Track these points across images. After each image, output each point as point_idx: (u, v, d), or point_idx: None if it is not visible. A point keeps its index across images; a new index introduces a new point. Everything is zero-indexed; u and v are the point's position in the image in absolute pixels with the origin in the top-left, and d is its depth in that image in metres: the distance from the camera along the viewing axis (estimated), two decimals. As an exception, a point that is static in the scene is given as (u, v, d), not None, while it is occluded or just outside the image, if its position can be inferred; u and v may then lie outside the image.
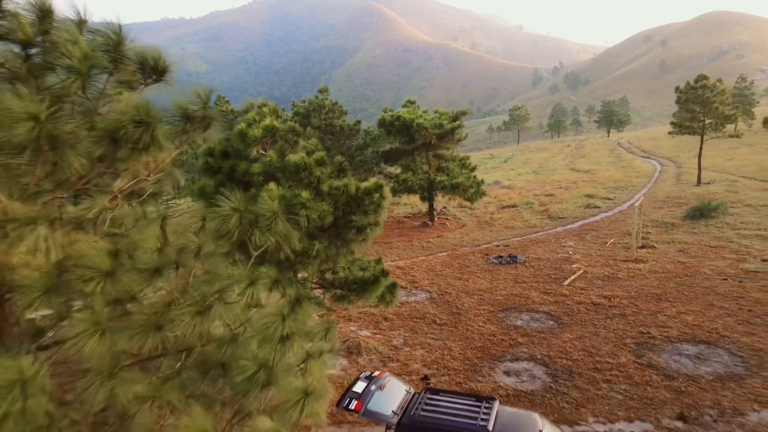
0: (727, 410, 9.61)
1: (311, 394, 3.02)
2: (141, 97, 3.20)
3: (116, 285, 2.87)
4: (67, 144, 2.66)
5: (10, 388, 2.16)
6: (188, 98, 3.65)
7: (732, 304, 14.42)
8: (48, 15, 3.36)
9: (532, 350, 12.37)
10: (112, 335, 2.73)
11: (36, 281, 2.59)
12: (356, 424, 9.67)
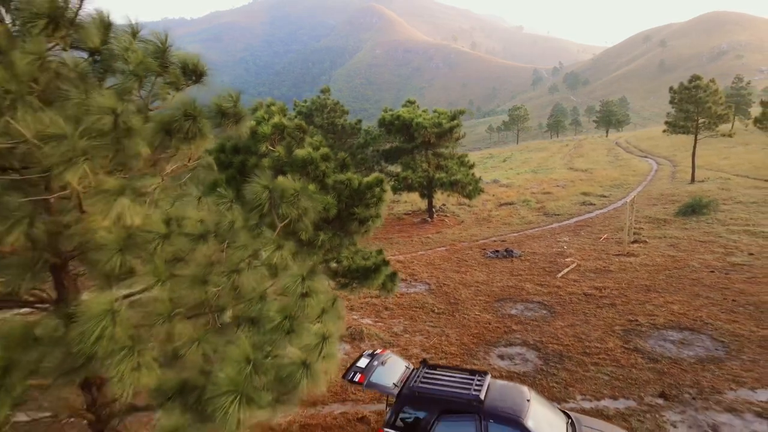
0: (705, 389, 10.29)
1: (328, 338, 3.70)
2: (188, 96, 3.89)
3: (170, 246, 3.56)
4: (136, 133, 3.34)
5: (102, 316, 2.84)
6: (222, 97, 4.35)
7: (717, 294, 15.10)
8: (108, 27, 4.05)
9: (525, 336, 13.05)
10: (170, 286, 3.41)
11: (113, 242, 3.28)
12: (359, 402, 10.36)
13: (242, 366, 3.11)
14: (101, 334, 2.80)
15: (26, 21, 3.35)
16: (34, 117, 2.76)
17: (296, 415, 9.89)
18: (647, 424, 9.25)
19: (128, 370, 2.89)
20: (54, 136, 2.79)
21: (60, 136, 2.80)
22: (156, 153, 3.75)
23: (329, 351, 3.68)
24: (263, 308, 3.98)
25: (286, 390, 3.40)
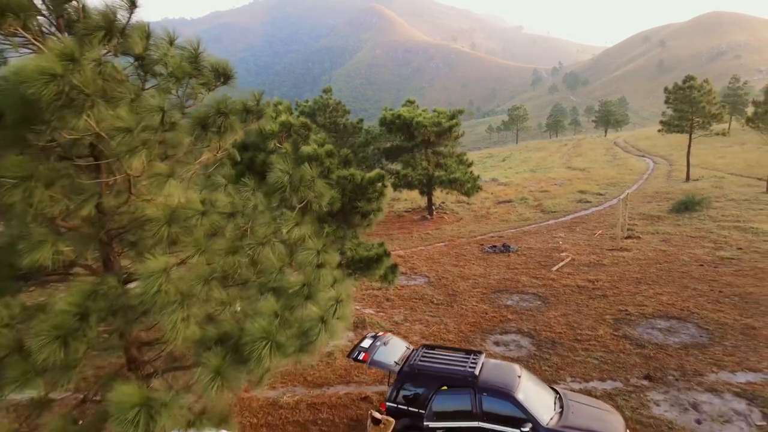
0: (688, 372, 10.94)
1: (341, 301, 4.33)
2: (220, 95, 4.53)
3: (207, 221, 4.20)
4: (179, 127, 3.98)
5: (159, 274, 3.48)
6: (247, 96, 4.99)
7: (705, 286, 15.74)
8: (148, 36, 4.69)
9: (520, 325, 13.69)
10: (207, 255, 4.06)
11: (161, 216, 3.92)
12: (362, 383, 10.99)
13: (272, 319, 3.74)
14: (158, 290, 3.43)
15: (87, 33, 3.98)
16: (105, 114, 3.39)
17: (303, 395, 10.54)
18: (632, 402, 9.88)
19: (179, 320, 3.51)
20: (122, 129, 3.41)
21: (127, 129, 3.42)
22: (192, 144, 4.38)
23: (342, 312, 4.31)
24: (284, 278, 4.62)
25: (308, 341, 4.02)
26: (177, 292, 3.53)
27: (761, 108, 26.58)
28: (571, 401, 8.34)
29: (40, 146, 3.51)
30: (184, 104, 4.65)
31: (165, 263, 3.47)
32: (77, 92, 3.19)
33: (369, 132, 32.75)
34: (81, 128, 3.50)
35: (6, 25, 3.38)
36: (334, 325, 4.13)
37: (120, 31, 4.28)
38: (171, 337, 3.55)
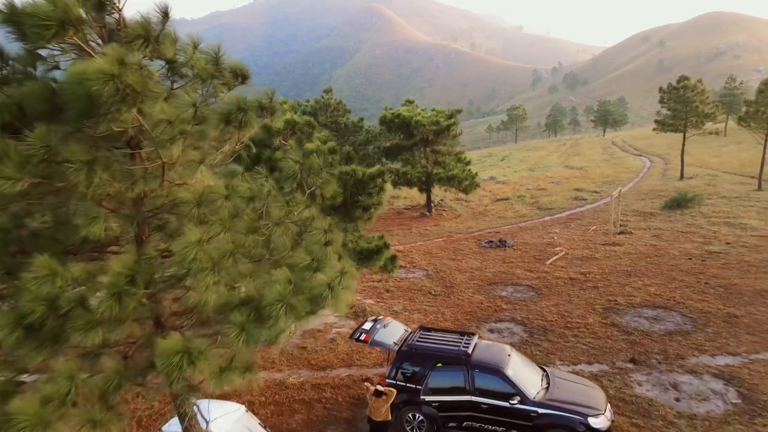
0: (671, 355, 11.59)
1: (346, 273, 4.98)
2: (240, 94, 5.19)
3: (230, 204, 4.86)
4: (207, 121, 4.63)
5: (195, 244, 4.13)
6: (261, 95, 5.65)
7: (692, 278, 16.39)
8: (175, 42, 5.33)
9: (514, 314, 14.35)
10: (231, 233, 4.71)
11: (192, 199, 4.58)
12: (363, 366, 11.64)
13: (286, 285, 4.38)
14: (194, 257, 4.08)
15: (129, 41, 4.63)
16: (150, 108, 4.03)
17: (308, 377, 11.19)
18: (616, 383, 10.55)
19: (210, 283, 4.15)
20: (164, 120, 4.06)
21: (168, 121, 4.06)
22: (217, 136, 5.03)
23: (346, 283, 4.95)
24: (295, 254, 5.27)
25: (317, 305, 4.66)
26: (209, 260, 4.17)
27: (752, 108, 27.23)
28: (557, 378, 9.01)
29: (95, 136, 4.15)
30: (208, 102, 5.30)
31: (200, 235, 4.12)
32: (130, 89, 3.83)
33: (369, 131, 33.45)
34: (128, 121, 4.15)
35: (67, 36, 4.03)
36: (340, 293, 4.78)
37: (155, 39, 4.93)
38: (203, 299, 4.20)
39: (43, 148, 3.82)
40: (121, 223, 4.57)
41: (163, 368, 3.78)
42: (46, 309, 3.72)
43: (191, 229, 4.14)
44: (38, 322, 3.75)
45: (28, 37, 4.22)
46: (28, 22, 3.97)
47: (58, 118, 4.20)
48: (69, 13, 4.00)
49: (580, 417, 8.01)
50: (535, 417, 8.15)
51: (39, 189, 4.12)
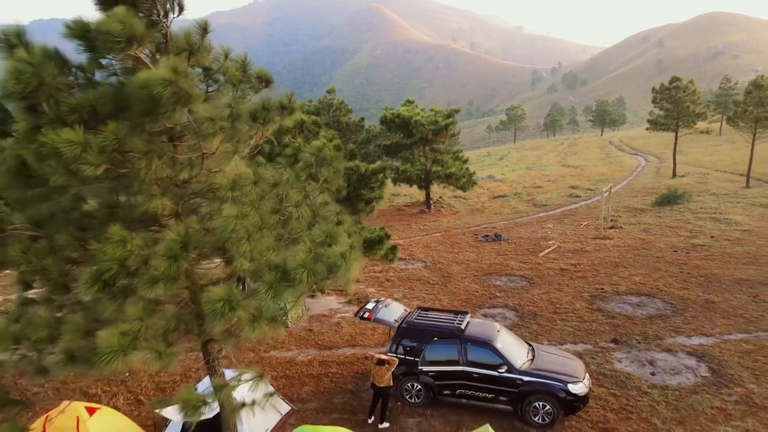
0: (650, 336, 12.56)
1: (354, 247, 5.93)
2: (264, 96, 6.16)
3: (257, 188, 5.83)
4: (240, 118, 5.59)
5: (233, 218, 5.09)
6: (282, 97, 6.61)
7: (675, 269, 17.37)
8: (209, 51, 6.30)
9: (507, 301, 15.32)
10: (259, 212, 5.68)
11: (227, 184, 5.54)
12: (366, 347, 12.60)
13: (308, 254, 5.33)
14: (233, 228, 5.04)
15: (176, 53, 5.60)
16: (196, 108, 4.99)
17: (316, 355, 12.16)
18: (598, 360, 11.51)
19: (246, 250, 5.10)
20: (208, 118, 5.01)
21: (211, 119, 5.02)
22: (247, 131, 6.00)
23: (355, 255, 5.91)
24: (311, 232, 6.24)
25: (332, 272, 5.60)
26: (245, 231, 5.13)
27: (740, 108, 28.18)
28: (542, 352, 9.97)
29: (151, 131, 5.11)
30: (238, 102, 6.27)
31: (237, 211, 5.08)
32: (183, 93, 4.77)
33: (369, 131, 34.43)
34: (179, 118, 5.12)
35: (132, 50, 4.97)
36: (351, 263, 5.74)
37: (196, 50, 5.90)
38: (240, 263, 5.15)
39: (114, 140, 4.78)
40: (169, 203, 5.54)
41: (209, 312, 4.76)
42: (119, 268, 4.69)
43: (230, 206, 5.11)
44: (112, 279, 4.72)
45: (98, 49, 5.19)
46: (101, 37, 4.93)
47: (121, 116, 5.17)
48: (134, 32, 4.96)
49: (561, 384, 8.97)
50: (521, 384, 9.11)
51: (108, 174, 5.09)
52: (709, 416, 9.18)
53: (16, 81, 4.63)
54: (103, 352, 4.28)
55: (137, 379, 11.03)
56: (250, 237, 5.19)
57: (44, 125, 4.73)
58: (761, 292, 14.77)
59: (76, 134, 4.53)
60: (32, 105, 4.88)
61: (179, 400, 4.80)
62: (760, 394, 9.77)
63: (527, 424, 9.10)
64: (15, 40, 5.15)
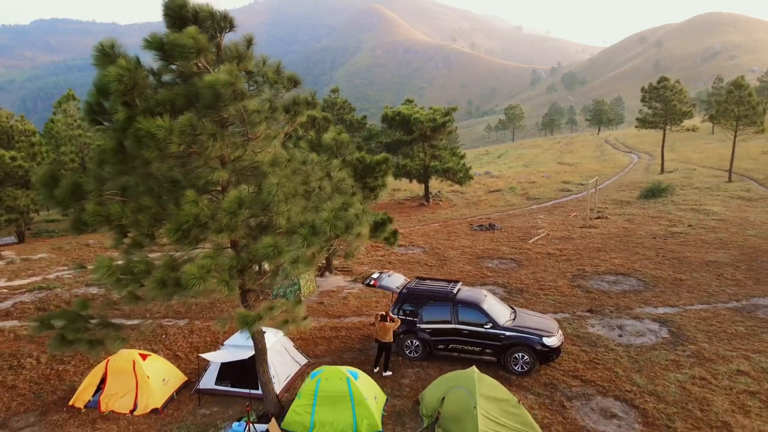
0: (621, 307, 14.21)
1: (365, 212, 7.59)
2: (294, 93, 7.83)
3: (291, 165, 7.50)
4: (278, 110, 7.25)
5: (276, 184, 6.76)
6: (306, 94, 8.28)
7: (652, 253, 19.02)
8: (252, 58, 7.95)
9: (497, 279, 16.97)
10: (293, 182, 7.34)
11: (267, 161, 7.21)
12: (370, 315, 14.25)
13: (330, 213, 6.97)
14: (275, 193, 6.68)
15: (229, 60, 7.25)
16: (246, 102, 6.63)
17: (327, 322, 13.81)
18: (574, 325, 13.15)
19: (285, 210, 6.73)
20: (256, 110, 6.64)
21: (257, 111, 6.66)
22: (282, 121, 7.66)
23: (365, 217, 7.56)
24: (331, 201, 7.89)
25: (349, 228, 7.24)
26: (284, 195, 6.79)
27: (722, 107, 29.82)
28: (522, 313, 11.64)
29: (213, 119, 6.76)
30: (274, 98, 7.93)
31: (278, 179, 6.73)
32: (239, 91, 6.41)
33: (371, 130, 36.08)
34: (233, 110, 6.77)
35: (199, 59, 6.62)
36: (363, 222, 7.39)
37: (243, 58, 7.56)
38: (280, 220, 6.80)
39: (189, 126, 6.44)
40: (226, 174, 7.21)
41: (261, 253, 6.41)
42: (194, 221, 6.35)
43: (272, 177, 6.77)
44: (188, 228, 6.38)
45: (172, 58, 6.86)
46: (177, 49, 6.60)
47: (190, 108, 6.83)
48: (201, 45, 6.63)
49: (537, 337, 10.63)
50: (503, 338, 10.77)
51: (183, 151, 6.74)
52: (663, 366, 10.83)
53: (119, 82, 6.30)
54: (188, 279, 5.95)
55: (173, 340, 12.71)
56: (287, 200, 6.86)
57: (137, 115, 6.40)
58: (725, 272, 16.43)
59: (164, 121, 6.19)
60: (127, 100, 6.56)
61: (239, 316, 6.44)
62: (709, 350, 11.42)
63: (509, 372, 10.74)
64: (110, 50, 6.83)
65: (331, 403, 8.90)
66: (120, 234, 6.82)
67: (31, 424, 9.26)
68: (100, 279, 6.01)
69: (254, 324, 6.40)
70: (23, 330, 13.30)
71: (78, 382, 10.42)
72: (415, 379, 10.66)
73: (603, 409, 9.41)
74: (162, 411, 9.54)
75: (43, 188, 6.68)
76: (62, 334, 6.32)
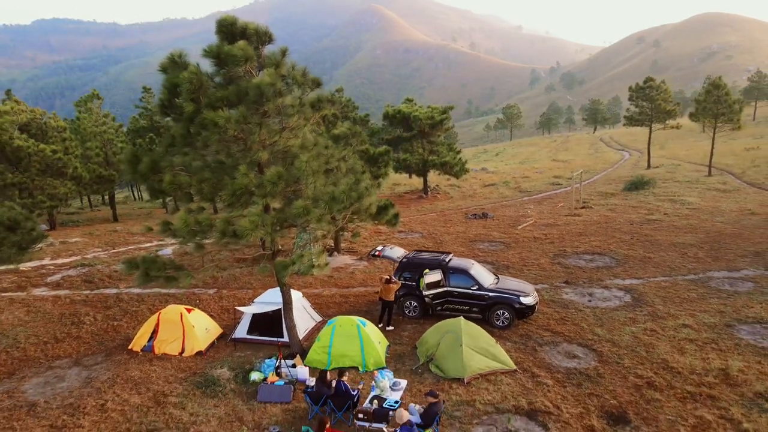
0: (594, 279, 16.28)
1: (372, 186, 9.66)
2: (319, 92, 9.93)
3: (316, 149, 9.61)
4: (306, 105, 9.34)
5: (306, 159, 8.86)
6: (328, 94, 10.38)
7: (627, 236, 21.09)
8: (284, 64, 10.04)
9: (486, 258, 19.04)
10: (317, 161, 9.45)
11: (298, 145, 9.31)
12: (375, 286, 16.31)
13: (347, 185, 9.03)
14: (305, 168, 8.76)
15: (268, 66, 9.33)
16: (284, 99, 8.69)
17: (336, 292, 15.90)
18: (551, 293, 15.22)
19: (312, 182, 8.80)
20: (291, 105, 8.69)
21: (291, 105, 8.70)
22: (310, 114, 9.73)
23: (373, 191, 9.64)
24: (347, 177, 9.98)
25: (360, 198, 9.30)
26: (312, 171, 8.87)
27: (701, 105, 31.87)
28: (504, 279, 13.74)
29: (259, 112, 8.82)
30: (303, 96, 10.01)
31: (308, 157, 8.80)
32: (279, 90, 8.47)
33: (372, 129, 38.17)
34: (272, 105, 8.84)
35: (246, 66, 8.68)
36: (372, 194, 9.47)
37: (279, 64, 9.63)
38: (307, 190, 8.88)
39: (242, 116, 8.52)
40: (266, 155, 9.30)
41: (295, 212, 8.49)
42: (244, 189, 8.44)
43: (303, 155, 8.87)
44: (240, 194, 8.46)
45: (225, 64, 8.95)
46: (231, 58, 8.68)
47: (239, 104, 8.91)
48: (248, 54, 8.72)
49: (516, 297, 12.71)
50: (488, 298, 12.85)
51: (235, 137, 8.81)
52: (621, 322, 12.91)
53: (189, 83, 8.40)
54: (243, 230, 8.03)
55: (206, 304, 14.80)
56: (313, 174, 8.95)
57: (202, 109, 8.48)
58: (689, 251, 18.51)
59: (223, 113, 8.28)
60: (194, 98, 8.64)
61: (277, 264, 8.54)
62: (662, 311, 13.49)
63: (492, 326, 12.79)
64: (177, 59, 8.93)
65: (344, 344, 10.98)
66: (188, 199, 8.91)
67: (99, 363, 11.36)
68: (180, 229, 8.09)
69: (290, 268, 8.49)
70: (76, 296, 15.41)
71: (132, 334, 12.51)
72: (413, 332, 12.73)
73: (567, 352, 11.49)
74: (205, 353, 11.63)
75: (128, 165, 8.78)
76: (147, 271, 8.40)
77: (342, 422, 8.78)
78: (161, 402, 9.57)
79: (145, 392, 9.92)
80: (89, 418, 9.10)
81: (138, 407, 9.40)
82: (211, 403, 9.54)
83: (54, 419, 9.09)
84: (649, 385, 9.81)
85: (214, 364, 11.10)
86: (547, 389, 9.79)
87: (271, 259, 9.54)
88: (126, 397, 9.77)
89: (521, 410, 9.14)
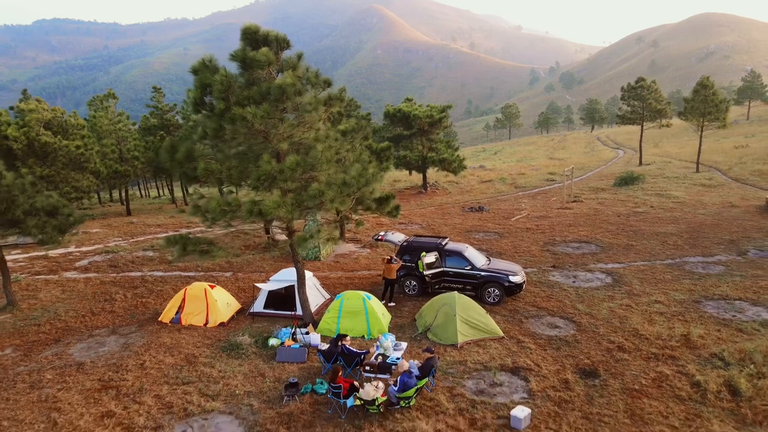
0: (579, 263, 17.68)
1: (377, 173, 11.05)
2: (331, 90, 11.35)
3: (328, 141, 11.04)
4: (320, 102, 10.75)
5: (321, 150, 10.28)
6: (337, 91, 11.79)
7: (614, 227, 22.50)
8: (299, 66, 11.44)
9: (480, 246, 20.44)
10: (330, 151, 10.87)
11: (313, 137, 10.73)
12: (378, 270, 17.71)
13: (357, 172, 10.42)
14: (320, 157, 10.16)
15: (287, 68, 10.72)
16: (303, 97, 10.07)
17: (342, 275, 17.30)
18: (540, 276, 16.63)
19: (326, 169, 10.18)
20: (309, 102, 10.08)
21: (309, 102, 10.09)
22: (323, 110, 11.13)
23: (379, 177, 11.03)
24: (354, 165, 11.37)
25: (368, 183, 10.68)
26: (326, 159, 10.26)
27: (689, 104, 33.27)
28: (495, 260, 15.15)
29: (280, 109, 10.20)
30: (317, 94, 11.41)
31: (323, 147, 10.19)
32: (298, 89, 9.85)
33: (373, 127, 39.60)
34: (293, 102, 10.24)
35: (269, 68, 10.07)
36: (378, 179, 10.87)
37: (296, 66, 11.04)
38: (321, 176, 10.27)
39: (267, 112, 9.93)
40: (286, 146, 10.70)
41: (311, 194, 9.89)
42: (267, 174, 9.84)
43: (318, 145, 10.28)
44: (263, 180, 9.86)
45: (249, 67, 10.36)
46: (255, 62, 10.09)
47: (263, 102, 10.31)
48: (270, 59, 10.13)
49: (505, 276, 14.12)
50: (480, 277, 14.25)
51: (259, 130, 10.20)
52: (600, 299, 14.31)
53: (221, 84, 9.80)
54: (267, 209, 9.44)
55: (224, 285, 16.21)
56: (327, 162, 10.36)
57: (232, 106, 9.89)
58: (669, 240, 19.92)
59: (251, 109, 9.69)
60: (224, 96, 10.05)
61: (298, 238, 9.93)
62: (638, 290, 14.89)
63: (484, 303, 14.17)
64: (209, 63, 10.35)
65: (351, 315, 12.39)
66: (219, 184, 10.32)
67: (133, 332, 12.77)
68: (213, 209, 9.51)
69: (309, 240, 9.89)
70: (105, 278, 16.83)
71: (160, 309, 13.92)
72: (412, 307, 14.13)
73: (550, 323, 12.89)
74: (227, 324, 13.04)
75: (166, 154, 10.18)
76: (184, 246, 9.81)
77: (351, 376, 10.19)
78: (192, 362, 10.97)
79: (177, 354, 11.33)
80: (131, 373, 10.51)
81: (173, 366, 10.81)
82: (236, 363, 10.94)
83: (101, 375, 10.50)
84: (619, 348, 11.21)
85: (236, 333, 12.51)
86: (530, 352, 11.19)
87: (290, 237, 10.93)
88: (161, 358, 11.18)
89: (506, 367, 10.54)
